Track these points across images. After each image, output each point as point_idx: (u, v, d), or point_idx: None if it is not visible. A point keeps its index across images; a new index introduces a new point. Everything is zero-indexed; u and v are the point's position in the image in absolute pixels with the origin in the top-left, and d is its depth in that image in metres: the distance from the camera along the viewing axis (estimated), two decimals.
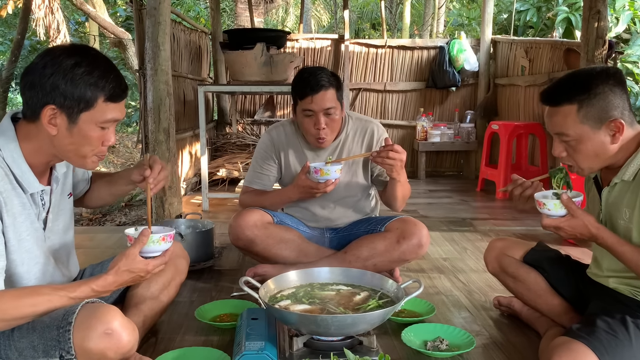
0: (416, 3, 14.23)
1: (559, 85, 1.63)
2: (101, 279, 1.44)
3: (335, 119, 2.37)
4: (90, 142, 1.46)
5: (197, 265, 2.71)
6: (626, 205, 1.59)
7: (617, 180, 1.62)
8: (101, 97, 1.43)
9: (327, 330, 1.62)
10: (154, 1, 3.56)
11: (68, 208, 1.69)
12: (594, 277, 1.80)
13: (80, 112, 1.42)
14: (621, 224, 1.61)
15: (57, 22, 8.02)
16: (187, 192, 5.03)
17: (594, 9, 3.55)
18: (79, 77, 1.40)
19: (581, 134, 1.58)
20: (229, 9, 13.55)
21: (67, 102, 1.40)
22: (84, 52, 1.46)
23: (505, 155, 4.89)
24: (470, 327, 2.09)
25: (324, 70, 2.38)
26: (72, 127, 1.43)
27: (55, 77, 1.39)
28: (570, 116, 1.57)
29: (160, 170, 1.68)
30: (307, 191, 2.32)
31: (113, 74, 1.46)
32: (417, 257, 2.49)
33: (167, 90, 3.65)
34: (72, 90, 1.39)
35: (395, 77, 6.46)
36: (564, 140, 1.61)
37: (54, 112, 1.40)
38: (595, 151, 1.59)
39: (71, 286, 1.41)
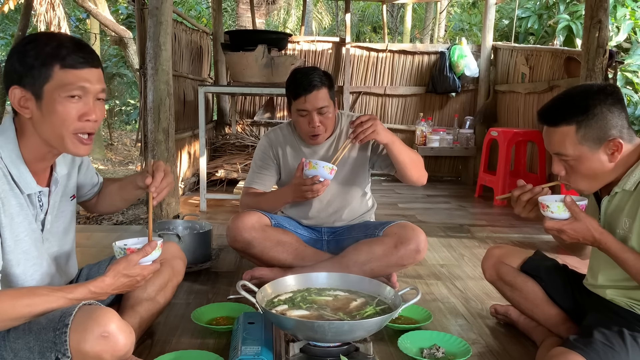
0: (417, 7, 14.24)
1: (557, 105, 1.63)
2: (99, 280, 1.43)
3: (329, 117, 2.41)
4: (61, 117, 1.40)
5: (194, 266, 2.70)
6: (627, 214, 1.59)
7: (618, 189, 1.62)
8: (57, 64, 1.39)
9: (323, 337, 1.62)
10: (156, 1, 3.56)
11: (69, 210, 1.68)
12: (590, 288, 1.80)
13: (42, 86, 1.39)
14: (619, 234, 1.61)
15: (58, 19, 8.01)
16: (185, 192, 5.02)
17: (595, 18, 3.56)
18: (32, 50, 1.39)
19: (580, 155, 1.58)
20: (230, 9, 13.55)
21: (28, 80, 1.39)
22: (43, 33, 1.49)
23: (504, 161, 4.89)
24: (467, 335, 2.09)
25: (316, 70, 2.41)
26: (40, 104, 1.40)
27: (13, 58, 1.40)
28: (569, 137, 1.58)
29: (163, 178, 1.66)
30: (300, 190, 2.31)
31: (70, 43, 1.42)
32: (414, 262, 2.49)
33: (167, 90, 3.65)
34: (28, 65, 1.38)
35: (395, 82, 6.47)
36: (564, 159, 1.62)
37: (21, 93, 1.40)
38: (594, 170, 1.60)
39: (69, 287, 1.41)
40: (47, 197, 1.56)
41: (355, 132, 2.24)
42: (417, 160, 2.42)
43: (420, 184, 2.49)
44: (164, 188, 1.67)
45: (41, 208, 1.54)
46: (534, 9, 7.02)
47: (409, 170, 2.39)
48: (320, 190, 2.29)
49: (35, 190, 1.49)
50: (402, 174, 2.43)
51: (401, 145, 2.35)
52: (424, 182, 2.49)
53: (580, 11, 5.73)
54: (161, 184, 1.66)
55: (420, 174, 2.45)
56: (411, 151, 2.41)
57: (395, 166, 2.41)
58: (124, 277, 1.47)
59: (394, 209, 4.75)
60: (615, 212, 1.64)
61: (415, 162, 2.40)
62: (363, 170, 2.57)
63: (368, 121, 2.23)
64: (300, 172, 2.30)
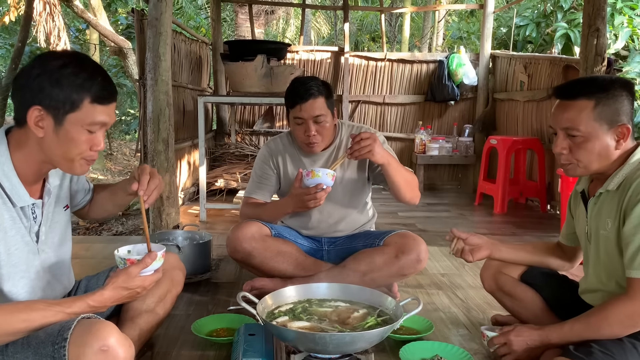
0: (416, 16, 14.31)
1: (578, 82, 1.66)
2: (97, 294, 1.42)
3: (326, 126, 2.39)
4: (77, 145, 1.43)
5: (193, 277, 2.69)
6: (608, 215, 1.63)
7: (602, 190, 1.65)
8: (87, 98, 1.41)
9: (325, 348, 1.61)
10: (155, 12, 3.58)
11: (64, 220, 1.67)
12: (584, 298, 1.80)
13: (66, 114, 1.40)
14: (602, 235, 1.66)
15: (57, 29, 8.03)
16: (184, 202, 5.02)
17: (593, 27, 3.57)
18: (65, 77, 1.39)
19: (591, 132, 1.60)
20: (229, 20, 13.60)
21: (53, 103, 1.39)
22: (72, 55, 1.46)
23: (503, 169, 4.89)
24: (468, 345, 2.07)
25: (315, 79, 2.42)
26: (59, 129, 1.41)
27: (42, 78, 1.39)
28: (586, 111, 1.60)
29: (150, 180, 1.64)
30: (301, 200, 2.30)
31: (100, 77, 1.44)
32: (415, 272, 2.48)
33: (167, 101, 3.65)
34: (57, 91, 1.38)
35: (394, 90, 6.49)
36: (572, 135, 1.63)
37: (40, 113, 1.39)
38: (599, 152, 1.61)
39: (66, 301, 1.39)
40: (41, 208, 1.55)
41: (352, 148, 2.24)
42: (411, 182, 2.42)
43: (413, 204, 2.49)
44: (152, 190, 1.64)
45: (35, 220, 1.53)
46: (532, 17, 7.04)
47: (402, 190, 2.39)
48: (323, 198, 2.27)
49: (29, 203, 1.48)
50: (395, 193, 2.43)
51: (397, 167, 2.33)
52: (416, 202, 2.49)
53: (578, 19, 5.75)
54: (149, 186, 1.63)
55: (413, 194, 2.45)
56: (407, 172, 2.41)
57: (389, 185, 2.41)
58: (124, 290, 1.45)
59: (394, 217, 4.74)
60: (600, 213, 1.67)
61: (409, 183, 2.40)
62: (363, 180, 2.56)
63: (367, 139, 2.21)
64: (298, 182, 2.29)
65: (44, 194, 1.56)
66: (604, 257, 1.67)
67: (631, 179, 1.57)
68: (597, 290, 1.73)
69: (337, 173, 2.46)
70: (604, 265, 1.68)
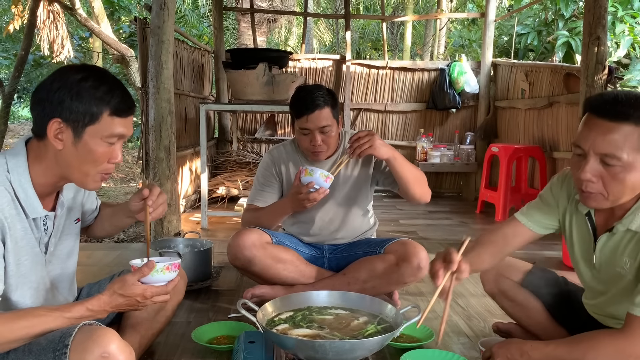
0: (417, 24, 14.36)
1: (624, 100, 1.42)
2: (95, 298, 1.42)
3: (332, 135, 2.40)
4: (95, 158, 1.45)
5: (194, 285, 2.69)
6: (628, 254, 1.52)
7: (623, 228, 1.51)
8: (106, 111, 1.43)
9: (325, 356, 1.61)
10: (157, 20, 3.60)
11: (74, 233, 1.68)
12: (587, 308, 1.78)
13: (85, 126, 1.42)
14: (618, 272, 1.55)
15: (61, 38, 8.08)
16: (186, 210, 5.03)
17: (594, 35, 3.58)
18: (85, 90, 1.41)
19: (632, 163, 1.41)
20: (232, 28, 13.67)
21: (73, 116, 1.41)
22: (91, 68, 1.48)
23: (504, 177, 4.89)
24: (469, 353, 2.07)
25: (321, 88, 2.41)
26: (78, 141, 1.43)
27: (62, 91, 1.40)
28: (632, 138, 1.39)
29: (159, 195, 1.66)
30: (296, 199, 2.30)
31: (119, 90, 1.47)
32: (416, 280, 2.47)
33: (169, 109, 3.67)
34: (77, 103, 1.40)
35: (396, 98, 6.50)
36: (609, 163, 1.42)
37: (60, 126, 1.41)
38: (633, 185, 1.44)
39: (66, 307, 1.40)
40: (52, 220, 1.56)
41: (352, 147, 2.25)
42: (420, 177, 2.40)
43: (424, 201, 2.46)
44: (159, 204, 1.65)
45: (46, 232, 1.54)
46: (533, 25, 7.07)
47: (411, 186, 2.36)
48: (317, 199, 2.27)
49: (41, 215, 1.49)
50: (404, 190, 2.40)
51: (403, 161, 2.33)
52: (427, 199, 2.46)
53: (579, 27, 5.77)
54: (157, 199, 1.64)
55: (423, 190, 2.42)
56: (414, 168, 2.40)
57: (398, 182, 2.39)
58: (121, 297, 1.44)
59: (395, 225, 4.74)
60: (615, 249, 1.56)
61: (418, 178, 2.38)
62: (365, 188, 2.56)
63: (365, 137, 2.24)
64: (298, 180, 2.30)
65: (57, 206, 1.58)
66: (613, 290, 1.60)
67: None
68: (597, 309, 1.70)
69: (340, 179, 2.47)
70: (612, 295, 1.61)
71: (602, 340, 1.46)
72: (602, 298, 1.65)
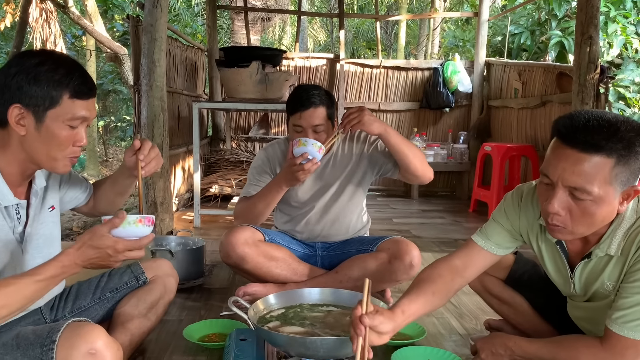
0: (411, 24, 14.38)
1: (595, 129, 1.29)
2: (64, 254, 1.37)
3: (324, 136, 2.39)
4: (59, 142, 1.45)
5: (186, 283, 2.68)
6: (608, 278, 1.49)
7: (601, 253, 1.47)
8: (66, 93, 1.43)
9: (316, 353, 1.60)
10: (150, 18, 3.59)
11: (50, 222, 1.66)
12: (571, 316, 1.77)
13: (46, 110, 1.42)
14: (602, 292, 1.53)
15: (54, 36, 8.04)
16: (179, 208, 5.01)
17: (586, 34, 3.59)
18: (43, 74, 1.40)
19: (603, 197, 1.31)
20: (226, 26, 13.64)
21: (33, 101, 1.40)
22: (48, 53, 1.48)
23: (497, 176, 4.91)
24: (461, 350, 2.07)
25: (319, 88, 2.42)
26: (40, 126, 1.42)
27: (20, 77, 1.40)
28: (603, 172, 1.29)
29: (151, 148, 1.63)
30: (290, 171, 2.28)
31: (78, 72, 1.46)
32: (408, 277, 2.48)
33: (161, 107, 3.65)
34: (36, 88, 1.40)
35: (389, 97, 6.51)
36: (579, 197, 1.33)
37: (21, 111, 1.40)
38: (603, 218, 1.37)
39: (35, 269, 1.35)
40: (26, 209, 1.55)
41: (342, 123, 2.26)
42: (417, 152, 2.34)
43: (427, 178, 2.39)
44: (152, 158, 1.62)
45: (19, 220, 1.53)
46: (527, 25, 7.10)
47: (411, 160, 2.29)
48: (311, 170, 2.25)
49: (12, 203, 1.48)
50: (405, 167, 2.33)
51: (397, 136, 2.28)
52: (430, 176, 2.40)
53: (572, 27, 5.79)
54: (149, 154, 1.61)
55: (424, 167, 2.36)
56: (410, 143, 2.34)
57: (396, 159, 2.33)
58: (91, 249, 1.37)
59: (388, 224, 4.74)
60: (593, 273, 1.53)
61: (415, 153, 2.32)
62: (359, 185, 2.56)
63: (355, 112, 2.24)
64: (291, 153, 2.29)
65: (31, 194, 1.57)
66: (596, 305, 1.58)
67: (636, 241, 1.39)
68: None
69: (333, 174, 2.50)
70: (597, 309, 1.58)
71: (584, 350, 1.46)
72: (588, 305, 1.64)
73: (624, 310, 1.39)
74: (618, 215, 1.42)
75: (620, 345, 1.40)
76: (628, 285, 1.40)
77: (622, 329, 1.39)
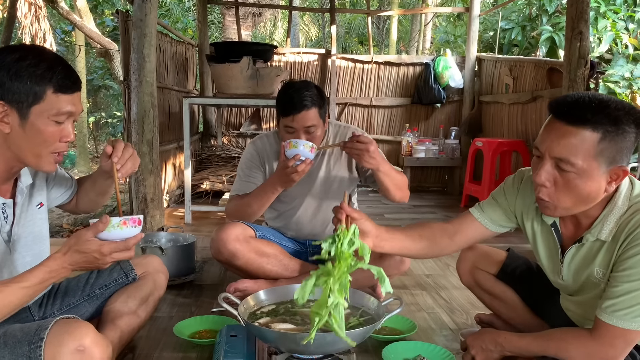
0: (403, 19, 14.37)
1: (585, 104, 1.36)
2: (51, 258, 1.36)
3: (317, 135, 2.38)
4: (45, 138, 1.42)
5: (177, 279, 2.67)
6: (599, 264, 1.50)
7: (592, 238, 1.49)
8: (50, 88, 1.39)
9: (306, 348, 1.60)
10: (140, 13, 3.56)
11: (38, 219, 1.64)
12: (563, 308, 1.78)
13: (30, 107, 1.38)
14: (592, 281, 1.54)
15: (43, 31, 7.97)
16: (170, 205, 4.99)
17: (576, 30, 3.60)
18: (24, 70, 1.37)
19: (587, 170, 1.36)
20: (217, 22, 13.58)
21: (16, 97, 1.37)
22: (28, 47, 1.44)
23: (489, 171, 4.92)
24: (452, 345, 2.08)
25: (309, 86, 2.37)
26: (25, 123, 1.39)
27: (0, 73, 1.37)
28: (588, 144, 1.34)
29: (124, 149, 1.58)
30: (284, 173, 2.28)
31: (61, 66, 1.42)
32: (399, 273, 2.49)
33: (151, 102, 3.63)
34: (17, 84, 1.37)
35: (381, 93, 6.50)
36: (563, 169, 1.38)
37: (4, 108, 1.38)
38: (588, 194, 1.40)
39: (22, 276, 1.34)
40: (12, 208, 1.53)
41: (347, 144, 2.23)
42: (400, 184, 2.41)
43: (402, 202, 2.51)
44: (126, 159, 1.57)
45: (6, 220, 1.51)
46: (518, 20, 7.11)
47: (391, 193, 2.39)
48: (305, 170, 2.25)
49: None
50: (384, 194, 2.46)
51: (386, 172, 2.32)
52: (405, 201, 2.49)
53: (563, 23, 5.81)
54: (123, 154, 1.57)
55: (402, 195, 2.45)
56: (397, 175, 2.39)
57: (378, 187, 2.43)
58: (77, 254, 1.37)
59: (380, 219, 4.74)
60: (585, 260, 1.54)
61: (398, 186, 2.40)
62: (350, 181, 2.56)
63: (363, 146, 2.20)
64: (283, 155, 2.28)
65: (17, 193, 1.54)
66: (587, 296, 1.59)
67: (627, 228, 1.41)
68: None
69: (323, 173, 2.49)
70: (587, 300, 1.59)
71: (574, 342, 1.48)
72: (578, 298, 1.65)
73: (613, 299, 1.40)
74: (610, 201, 1.45)
75: (609, 334, 1.41)
76: (617, 274, 1.42)
77: (612, 317, 1.40)
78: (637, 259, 1.38)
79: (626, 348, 1.42)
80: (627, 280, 1.39)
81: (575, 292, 1.65)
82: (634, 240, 1.39)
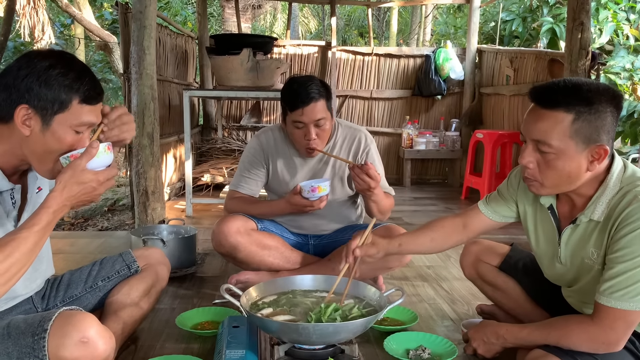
0: (403, 11, 14.32)
1: (559, 88, 1.44)
2: (49, 198, 1.35)
3: (326, 129, 2.36)
4: (62, 146, 1.42)
5: (179, 271, 2.68)
6: (594, 245, 1.52)
7: (586, 219, 1.53)
8: (76, 99, 1.40)
9: (308, 339, 1.61)
10: (139, 5, 3.54)
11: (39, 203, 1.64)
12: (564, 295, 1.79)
13: (54, 114, 1.39)
14: (587, 263, 1.56)
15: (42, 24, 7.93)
16: (170, 198, 4.99)
17: (577, 21, 3.59)
18: (53, 78, 1.38)
19: (564, 150, 1.43)
20: (216, 14, 13.53)
21: (41, 104, 1.38)
22: (59, 55, 1.44)
23: (489, 163, 4.92)
24: (453, 335, 2.09)
25: (314, 80, 2.34)
26: (46, 129, 1.39)
27: (30, 79, 1.37)
28: (562, 125, 1.41)
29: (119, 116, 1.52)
30: (300, 209, 2.33)
31: (88, 77, 1.43)
32: (400, 265, 2.49)
33: (151, 95, 3.62)
34: (46, 91, 1.37)
35: (381, 85, 6.49)
36: (542, 150, 1.46)
37: (28, 112, 1.38)
38: (568, 173, 1.46)
39: (29, 221, 1.33)
40: (20, 193, 1.53)
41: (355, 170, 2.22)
42: (385, 210, 2.43)
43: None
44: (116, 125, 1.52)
45: (14, 205, 1.51)
46: (518, 12, 7.08)
47: (373, 212, 2.39)
48: (321, 206, 2.31)
49: (7, 188, 1.47)
50: (365, 210, 2.52)
51: (375, 200, 2.33)
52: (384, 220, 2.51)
53: (564, 14, 5.79)
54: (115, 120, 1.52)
55: (383, 217, 2.46)
56: (386, 200, 2.40)
57: (364, 203, 2.46)
58: (75, 186, 1.36)
59: None
60: (580, 241, 1.57)
61: (382, 211, 2.40)
62: (350, 184, 2.55)
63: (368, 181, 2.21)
64: (297, 195, 2.28)
65: (29, 179, 1.55)
66: (583, 280, 1.61)
67: (617, 209, 1.44)
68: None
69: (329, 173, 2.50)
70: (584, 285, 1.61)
71: (575, 328, 1.48)
72: (575, 287, 1.66)
73: (610, 281, 1.42)
74: (603, 182, 1.49)
75: (609, 317, 1.42)
76: (612, 256, 1.44)
77: (610, 299, 1.41)
78: (629, 238, 1.40)
79: (627, 330, 1.43)
80: (621, 260, 1.40)
81: (572, 281, 1.66)
82: (625, 220, 1.41)
